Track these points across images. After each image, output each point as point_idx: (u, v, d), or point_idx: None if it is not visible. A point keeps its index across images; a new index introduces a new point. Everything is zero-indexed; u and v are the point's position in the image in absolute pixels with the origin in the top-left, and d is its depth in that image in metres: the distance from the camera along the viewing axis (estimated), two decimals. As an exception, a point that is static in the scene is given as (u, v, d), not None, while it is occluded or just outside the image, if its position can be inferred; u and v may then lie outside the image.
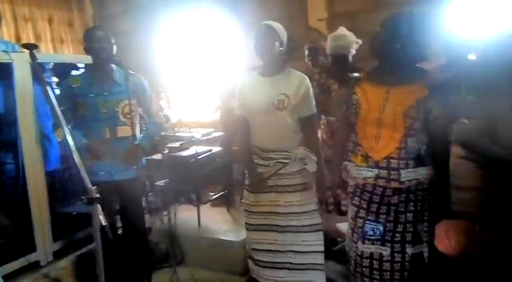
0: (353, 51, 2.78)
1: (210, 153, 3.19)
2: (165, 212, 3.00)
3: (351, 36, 2.81)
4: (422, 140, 1.78)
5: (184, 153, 3.07)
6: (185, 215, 3.20)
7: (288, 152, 2.17)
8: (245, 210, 2.37)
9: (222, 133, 3.51)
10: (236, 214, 3.29)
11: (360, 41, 2.80)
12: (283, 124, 2.14)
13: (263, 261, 2.32)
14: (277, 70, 2.18)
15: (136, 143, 2.37)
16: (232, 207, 3.41)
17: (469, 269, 1.83)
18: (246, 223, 2.37)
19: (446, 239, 1.98)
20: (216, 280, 2.79)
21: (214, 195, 3.37)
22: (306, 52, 3.15)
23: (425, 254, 1.86)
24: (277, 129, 2.16)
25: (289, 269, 2.26)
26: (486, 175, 1.70)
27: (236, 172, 3.56)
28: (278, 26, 2.16)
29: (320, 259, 2.25)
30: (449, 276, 2.04)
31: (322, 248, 2.24)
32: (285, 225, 2.22)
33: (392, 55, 1.77)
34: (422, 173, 1.77)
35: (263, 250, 2.31)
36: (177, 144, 3.09)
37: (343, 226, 2.38)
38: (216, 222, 3.14)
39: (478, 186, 1.73)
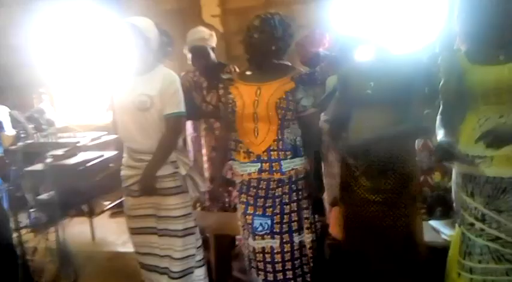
0: (211, 44, 2.73)
1: (101, 159, 2.96)
2: (52, 228, 2.71)
3: (206, 30, 2.79)
4: (296, 131, 1.91)
5: (71, 161, 2.80)
6: (77, 229, 2.93)
7: None
8: (126, 214, 2.25)
9: (116, 136, 3.26)
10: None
11: (214, 34, 2.78)
12: (149, 125, 2.05)
13: (149, 264, 2.24)
14: (147, 69, 2.07)
15: None
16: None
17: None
18: (129, 227, 2.27)
19: (337, 225, 2.14)
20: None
21: (110, 204, 3.13)
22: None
23: (308, 240, 1.95)
24: (144, 130, 2.06)
25: (170, 277, 2.17)
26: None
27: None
28: (142, 23, 2.04)
29: (193, 262, 2.20)
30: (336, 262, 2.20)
31: (194, 251, 2.20)
32: (162, 228, 2.14)
33: (267, 56, 1.89)
34: (299, 163, 1.89)
35: (146, 254, 2.23)
36: (60, 152, 2.79)
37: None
38: (114, 233, 2.94)
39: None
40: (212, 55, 2.73)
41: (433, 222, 2.24)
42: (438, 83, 1.77)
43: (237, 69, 2.60)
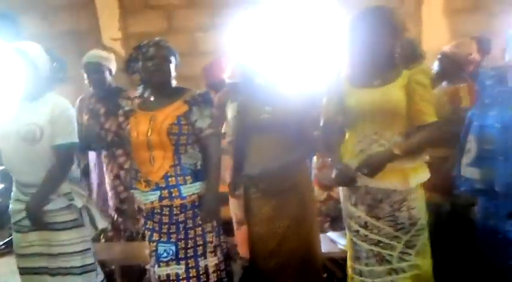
0: (108, 65, 2.69)
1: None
2: None
3: (104, 52, 2.81)
4: (195, 155, 1.91)
5: None
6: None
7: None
8: (16, 253, 2.08)
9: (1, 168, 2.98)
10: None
11: (112, 57, 2.77)
12: (38, 157, 1.93)
13: None
14: (35, 95, 1.97)
15: None
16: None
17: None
18: (18, 267, 2.08)
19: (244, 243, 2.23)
20: None
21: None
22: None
23: (211, 264, 1.96)
24: (32, 162, 1.94)
25: None
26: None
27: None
28: (29, 49, 1.96)
29: None
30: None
31: None
32: (55, 267, 2.01)
33: (162, 82, 1.90)
34: (201, 187, 1.89)
35: None
36: None
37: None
38: (3, 275, 2.64)
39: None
40: (108, 77, 2.66)
41: (331, 234, 2.43)
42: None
43: (135, 94, 2.59)
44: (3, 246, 2.93)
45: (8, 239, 2.91)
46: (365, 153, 1.77)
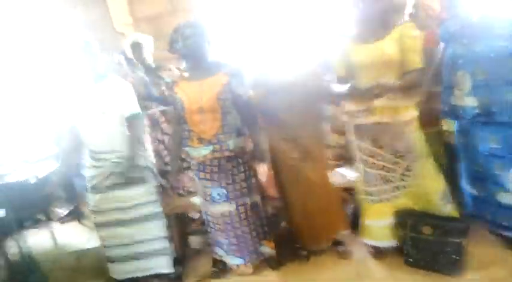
0: (149, 46, 3.13)
1: (48, 171, 3.13)
2: (12, 243, 2.84)
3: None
4: (236, 116, 2.36)
5: (20, 177, 2.94)
6: (36, 239, 3.08)
7: (119, 151, 2.41)
8: (91, 211, 2.54)
9: (57, 149, 3.42)
10: (90, 223, 3.32)
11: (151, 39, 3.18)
12: (109, 126, 2.38)
13: (120, 256, 2.56)
14: (100, 78, 2.41)
15: None
16: (83, 218, 3.43)
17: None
18: (94, 223, 2.56)
19: (271, 185, 2.72)
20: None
21: (64, 211, 3.32)
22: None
23: (258, 199, 2.49)
24: (107, 131, 2.38)
25: (137, 259, 2.55)
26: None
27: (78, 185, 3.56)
28: (92, 40, 2.38)
29: (164, 243, 2.57)
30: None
31: (165, 234, 2.57)
32: (130, 218, 2.49)
33: (201, 57, 2.30)
34: (242, 140, 2.37)
35: (114, 246, 2.56)
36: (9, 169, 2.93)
37: (196, 200, 2.82)
38: (74, 236, 3.14)
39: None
40: (149, 54, 3.10)
41: (342, 170, 2.91)
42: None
43: (174, 68, 3.00)
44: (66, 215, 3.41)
45: (70, 208, 3.38)
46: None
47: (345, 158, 3.00)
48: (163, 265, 2.56)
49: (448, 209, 2.33)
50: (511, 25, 2.11)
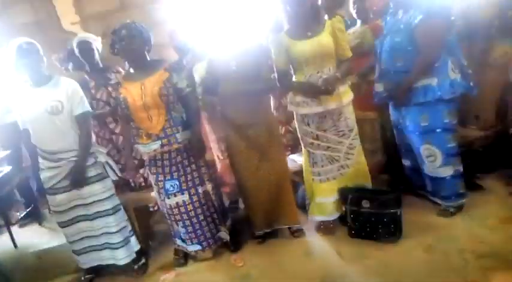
0: (96, 45, 3.12)
1: (2, 174, 3.12)
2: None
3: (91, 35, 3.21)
4: (180, 109, 2.47)
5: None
6: (-4, 243, 3.08)
7: (76, 149, 2.47)
8: (53, 211, 2.60)
9: (8, 151, 3.39)
10: (50, 224, 3.36)
11: (99, 39, 3.18)
12: (63, 126, 2.42)
13: (86, 247, 2.65)
14: (45, 79, 2.44)
15: None
16: (43, 220, 3.44)
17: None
18: (58, 222, 2.62)
19: (227, 172, 2.87)
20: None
21: (21, 213, 3.32)
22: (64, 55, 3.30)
23: (209, 188, 2.63)
24: (59, 131, 2.42)
25: (103, 249, 2.65)
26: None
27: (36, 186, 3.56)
28: (34, 43, 2.41)
29: (126, 234, 2.66)
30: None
31: (125, 225, 2.67)
32: (92, 213, 2.57)
33: (139, 57, 2.39)
34: (189, 133, 2.48)
35: (80, 239, 2.64)
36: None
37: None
38: (34, 237, 3.16)
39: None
40: (97, 54, 3.10)
41: (292, 156, 3.15)
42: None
43: (121, 70, 3.05)
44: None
45: (28, 210, 3.39)
46: None
47: (293, 145, 3.24)
48: (126, 255, 2.66)
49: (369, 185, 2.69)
50: (407, 22, 2.41)
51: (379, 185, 2.91)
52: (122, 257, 2.65)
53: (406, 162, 2.85)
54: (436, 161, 2.53)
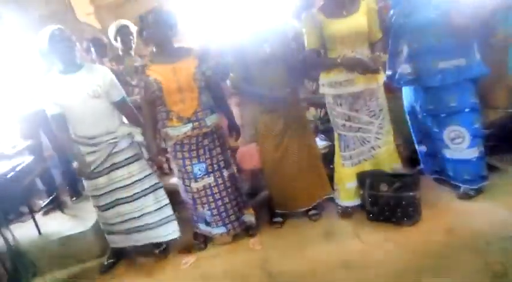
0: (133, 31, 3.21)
1: (25, 163, 3.18)
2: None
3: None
4: (208, 94, 2.53)
5: (-1, 171, 2.98)
6: (21, 231, 3.16)
7: (114, 132, 2.55)
8: (92, 196, 2.67)
9: (29, 141, 3.46)
10: (72, 211, 3.42)
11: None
12: (102, 109, 2.50)
13: (124, 229, 2.72)
14: (78, 67, 2.49)
15: None
16: (66, 207, 3.51)
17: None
18: (96, 206, 2.69)
19: (245, 159, 2.90)
20: (77, 272, 3.00)
21: (45, 201, 3.40)
22: (90, 45, 3.40)
23: (235, 172, 2.69)
24: (98, 114, 2.49)
25: (148, 229, 2.71)
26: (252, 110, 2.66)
27: (57, 175, 3.65)
28: (66, 29, 2.45)
29: (169, 211, 2.74)
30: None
31: (167, 201, 2.73)
32: (132, 194, 2.64)
33: (167, 42, 2.43)
34: (216, 117, 2.56)
35: (120, 222, 2.70)
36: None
37: (174, 180, 2.98)
38: (56, 225, 3.23)
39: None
40: (133, 39, 3.22)
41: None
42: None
43: (137, 57, 3.10)
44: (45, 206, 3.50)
45: (50, 198, 3.47)
46: None
47: (320, 130, 3.25)
48: (171, 231, 2.73)
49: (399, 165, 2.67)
50: None
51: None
52: (167, 233, 2.72)
53: (422, 148, 2.82)
54: (463, 143, 2.50)
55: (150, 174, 2.68)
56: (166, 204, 2.72)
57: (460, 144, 2.51)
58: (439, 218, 2.47)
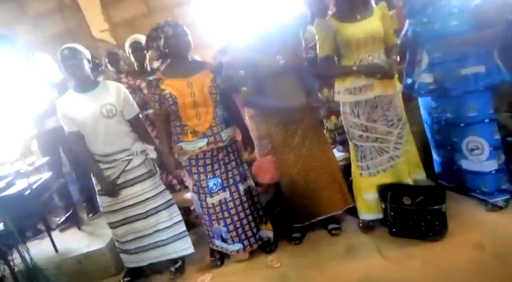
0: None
1: (42, 180, 3.20)
2: (15, 254, 2.91)
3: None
4: (222, 108, 2.49)
5: (15, 189, 3.00)
6: (38, 248, 3.16)
7: (128, 149, 2.54)
8: (105, 212, 2.65)
9: (47, 158, 3.48)
10: (88, 228, 3.42)
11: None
12: (116, 128, 2.49)
13: (136, 247, 2.68)
14: (93, 85, 2.49)
15: None
16: (82, 224, 3.51)
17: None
18: (109, 223, 2.67)
19: (261, 172, 2.82)
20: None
21: (61, 218, 3.40)
22: (106, 60, 3.42)
23: (252, 184, 2.64)
24: (112, 133, 2.48)
25: (162, 245, 2.67)
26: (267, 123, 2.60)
27: (74, 192, 3.66)
28: (79, 46, 2.46)
29: (183, 227, 2.71)
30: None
31: (180, 217, 2.71)
32: (145, 211, 2.61)
33: (185, 56, 2.41)
34: (231, 131, 2.52)
35: (132, 240, 2.67)
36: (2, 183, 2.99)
37: (188, 195, 2.93)
38: (73, 242, 3.22)
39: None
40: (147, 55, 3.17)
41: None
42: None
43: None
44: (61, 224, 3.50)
45: (67, 215, 3.47)
46: None
47: (337, 141, 3.17)
48: (184, 248, 2.70)
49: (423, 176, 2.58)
50: (463, 5, 2.25)
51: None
52: (181, 249, 2.69)
53: (438, 158, 2.72)
54: (482, 154, 2.41)
55: (163, 190, 2.66)
56: (179, 221, 2.69)
57: (479, 155, 2.42)
58: (467, 232, 2.34)
